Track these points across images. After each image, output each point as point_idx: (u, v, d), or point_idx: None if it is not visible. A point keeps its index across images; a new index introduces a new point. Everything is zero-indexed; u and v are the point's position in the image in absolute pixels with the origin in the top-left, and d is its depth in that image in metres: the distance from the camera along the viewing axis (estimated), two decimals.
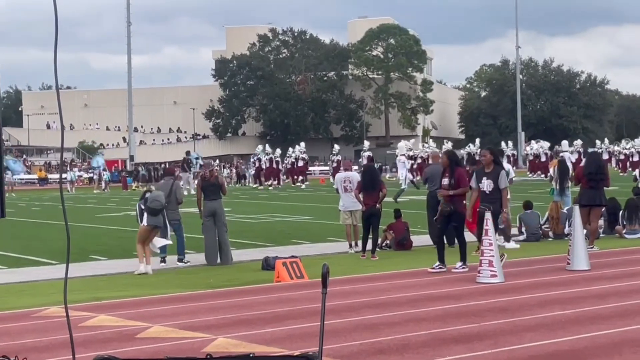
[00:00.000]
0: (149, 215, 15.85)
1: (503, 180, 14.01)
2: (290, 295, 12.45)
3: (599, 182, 17.20)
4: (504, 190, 13.99)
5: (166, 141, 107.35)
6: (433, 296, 11.98)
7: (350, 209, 18.02)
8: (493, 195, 13.96)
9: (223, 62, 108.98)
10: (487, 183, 14.06)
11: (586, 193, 17.14)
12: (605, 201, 17.56)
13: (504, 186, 14.00)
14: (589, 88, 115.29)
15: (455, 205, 14.43)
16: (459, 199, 14.59)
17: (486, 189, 14.06)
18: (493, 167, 14.28)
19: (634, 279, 13.10)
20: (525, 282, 13.12)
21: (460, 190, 14.50)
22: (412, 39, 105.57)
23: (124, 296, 12.91)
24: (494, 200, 13.88)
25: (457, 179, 14.46)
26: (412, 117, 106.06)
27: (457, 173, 14.60)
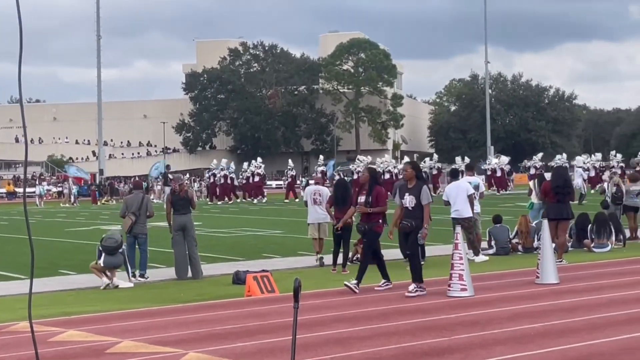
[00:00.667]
0: (105, 254, 15.62)
1: (425, 196, 13.35)
2: (261, 309, 12.42)
3: (565, 196, 17.37)
4: (426, 206, 13.30)
5: (136, 155, 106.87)
6: (403, 310, 12.00)
7: (318, 222, 18.23)
8: (415, 211, 13.33)
9: (193, 75, 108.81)
10: (410, 199, 13.37)
11: (553, 207, 17.28)
12: (573, 215, 17.71)
13: (427, 202, 13.32)
14: (557, 103, 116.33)
15: (370, 223, 14.09)
16: (375, 217, 14.15)
17: (408, 205, 13.38)
18: (415, 182, 13.60)
19: (602, 293, 13.20)
20: (495, 295, 13.18)
21: (378, 209, 14.12)
22: (382, 53, 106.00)
23: (94, 311, 12.81)
24: (416, 216, 13.31)
25: (375, 197, 14.10)
26: (382, 131, 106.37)
27: (375, 191, 14.23)
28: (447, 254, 16.76)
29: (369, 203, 14.04)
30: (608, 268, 16.51)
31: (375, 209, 14.06)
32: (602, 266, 16.89)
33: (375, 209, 14.07)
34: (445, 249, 18.90)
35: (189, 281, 16.42)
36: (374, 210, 14.06)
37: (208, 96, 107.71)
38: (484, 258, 18.19)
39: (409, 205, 13.35)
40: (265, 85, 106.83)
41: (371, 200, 14.05)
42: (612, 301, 12.34)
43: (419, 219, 13.27)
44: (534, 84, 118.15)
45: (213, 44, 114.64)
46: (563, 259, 17.03)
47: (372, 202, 14.04)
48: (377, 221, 14.18)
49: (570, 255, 18.54)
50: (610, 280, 14.75)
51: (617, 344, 9.33)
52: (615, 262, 17.52)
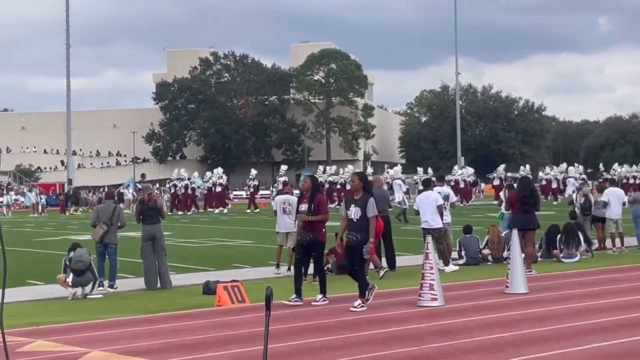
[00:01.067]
0: (74, 276, 15.51)
1: (371, 208, 12.95)
2: (231, 319, 12.40)
3: (531, 206, 17.54)
4: (372, 218, 12.93)
5: (105, 165, 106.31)
6: (374, 320, 12.03)
7: (287, 231, 18.36)
8: (360, 223, 12.95)
9: (164, 85, 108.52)
10: (355, 210, 13.02)
11: (520, 217, 17.42)
12: (538, 225, 17.85)
13: (372, 214, 12.93)
14: (527, 114, 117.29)
15: (314, 233, 13.74)
16: (318, 227, 13.79)
17: (354, 217, 13.02)
18: (362, 194, 13.20)
19: (571, 302, 13.32)
20: (465, 305, 13.25)
21: (320, 217, 13.75)
22: (353, 64, 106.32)
23: (62, 321, 12.71)
24: (361, 228, 12.94)
25: (317, 205, 13.75)
26: (353, 141, 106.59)
27: (317, 199, 13.87)
28: (417, 264, 16.85)
29: (311, 211, 13.70)
30: (576, 278, 16.66)
31: (317, 217, 13.71)
32: (570, 276, 17.04)
33: (317, 217, 13.72)
34: (416, 259, 19.01)
35: (158, 291, 16.36)
36: (316, 218, 13.71)
37: (178, 106, 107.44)
38: (454, 268, 18.29)
39: (354, 217, 13.04)
40: (236, 95, 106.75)
41: (313, 208, 13.71)
42: (580, 311, 12.45)
43: (364, 231, 12.95)
44: (503, 95, 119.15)
45: (184, 53, 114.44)
46: (532, 269, 17.17)
47: (314, 211, 13.70)
48: (320, 230, 13.87)
49: (540, 265, 18.71)
50: (578, 290, 14.88)
51: (585, 353, 9.41)
52: (584, 272, 17.69)
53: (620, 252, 21.56)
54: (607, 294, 14.29)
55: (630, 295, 14.04)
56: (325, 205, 14.07)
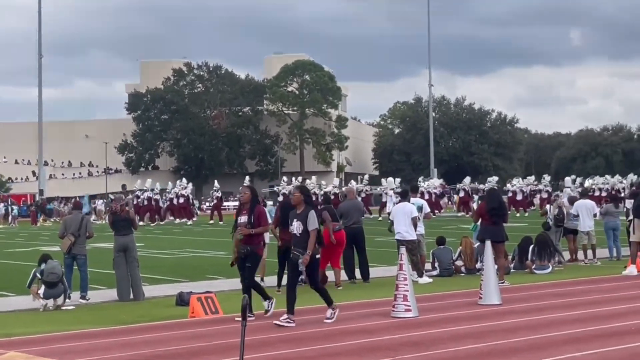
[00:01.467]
0: (46, 288, 15.40)
1: (312, 222, 12.69)
2: (205, 330, 12.39)
3: (500, 218, 17.68)
4: (312, 231, 12.62)
5: (77, 175, 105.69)
6: (348, 330, 12.05)
7: None
8: (303, 237, 12.69)
9: (137, 96, 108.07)
10: (297, 225, 12.79)
11: (489, 229, 17.51)
12: (507, 237, 17.95)
13: (313, 227, 12.64)
14: (499, 126, 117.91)
15: (252, 246, 13.32)
16: (257, 239, 13.43)
17: (296, 232, 12.79)
18: (304, 207, 12.95)
19: (544, 313, 13.40)
20: (438, 316, 13.31)
21: (260, 230, 13.41)
22: (327, 75, 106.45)
23: (35, 332, 12.64)
24: (304, 243, 12.68)
25: (257, 217, 13.34)
26: (326, 153, 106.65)
27: (257, 211, 13.45)
28: (391, 275, 16.91)
29: (252, 224, 13.28)
30: (549, 289, 16.77)
31: (257, 229, 13.34)
32: (543, 287, 17.15)
33: (258, 229, 13.35)
34: (389, 270, 19.06)
35: (131, 303, 16.31)
36: (257, 231, 13.34)
37: (151, 116, 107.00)
38: (428, 280, 18.36)
39: (297, 232, 12.80)
40: (210, 106, 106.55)
41: (253, 220, 13.31)
42: (553, 322, 12.54)
43: (304, 245, 12.68)
44: (476, 108, 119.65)
45: (157, 64, 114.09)
46: (505, 281, 17.27)
47: (254, 223, 13.30)
48: (258, 243, 13.54)
49: (512, 276, 18.82)
50: (551, 301, 14.98)
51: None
52: (556, 283, 17.83)
53: (591, 264, 21.72)
54: (579, 305, 14.41)
55: (603, 307, 14.16)
56: (265, 217, 13.74)
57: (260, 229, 13.43)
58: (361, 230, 19.13)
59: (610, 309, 13.88)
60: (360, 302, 15.27)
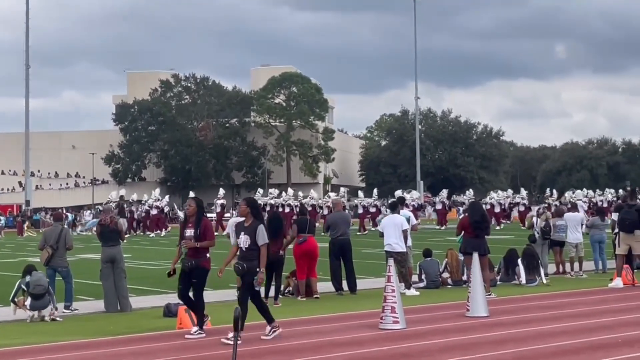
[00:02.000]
0: (32, 299, 15.32)
1: (261, 236, 12.28)
2: (193, 342, 12.34)
3: (482, 231, 17.73)
4: (262, 247, 12.24)
5: (64, 186, 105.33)
6: (337, 342, 12.03)
7: None
8: (249, 252, 12.25)
9: (124, 107, 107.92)
10: (244, 238, 12.31)
11: (471, 241, 17.54)
12: (489, 250, 17.98)
13: (262, 243, 12.25)
14: (485, 139, 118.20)
15: (197, 259, 12.78)
16: (202, 253, 12.86)
17: (242, 245, 12.33)
18: (252, 220, 12.47)
19: (531, 325, 13.42)
20: (426, 328, 13.31)
21: (206, 243, 12.85)
22: (313, 87, 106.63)
23: (22, 344, 12.57)
24: (250, 257, 12.24)
25: (203, 230, 12.86)
26: (313, 164, 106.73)
27: (203, 224, 12.97)
28: (378, 286, 16.90)
29: (198, 237, 12.81)
30: (536, 302, 16.79)
31: (203, 243, 12.83)
32: (530, 300, 17.17)
33: (204, 243, 12.84)
34: (377, 282, 19.06)
35: (118, 314, 16.23)
36: (203, 244, 12.82)
37: (138, 127, 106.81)
38: (415, 292, 18.37)
39: (243, 246, 12.32)
40: (197, 117, 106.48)
41: (199, 233, 12.82)
42: (540, 334, 12.56)
43: (253, 260, 12.23)
44: (462, 120, 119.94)
45: (144, 75, 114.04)
46: (491, 292, 17.28)
47: (200, 236, 12.81)
48: (204, 256, 12.93)
49: (499, 288, 18.83)
50: (538, 313, 14.99)
51: None
52: (543, 295, 17.84)
53: (577, 277, 21.77)
54: (566, 317, 14.43)
55: (590, 319, 14.19)
56: (211, 230, 13.15)
57: (206, 242, 12.88)
58: (348, 242, 19.16)
59: (597, 321, 13.91)
60: (348, 313, 15.26)
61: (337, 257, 18.70)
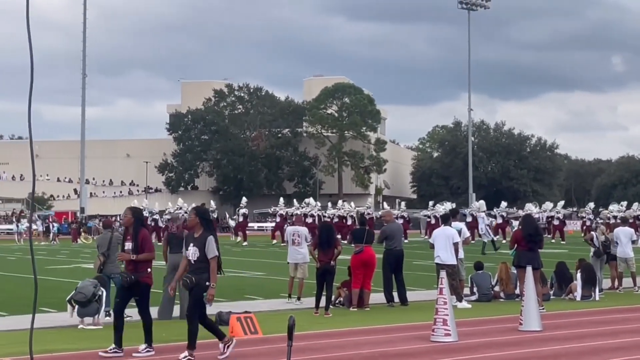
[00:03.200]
0: (79, 307, 15.44)
1: (211, 249, 11.35)
2: (245, 350, 12.38)
3: (536, 244, 17.52)
4: (212, 260, 11.37)
5: (118, 194, 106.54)
6: (388, 354, 11.99)
7: (297, 262, 18.66)
8: (199, 265, 11.38)
9: (177, 116, 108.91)
10: (193, 250, 11.46)
11: (525, 254, 17.33)
12: (542, 264, 17.77)
13: (212, 255, 11.36)
14: (539, 152, 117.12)
15: (137, 274, 11.84)
16: (143, 267, 11.93)
17: (191, 258, 11.46)
18: (201, 231, 11.53)
19: (585, 341, 13.25)
20: (478, 341, 13.20)
21: (144, 256, 11.88)
22: (366, 98, 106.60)
23: (74, 349, 12.71)
24: (199, 270, 11.37)
25: (140, 243, 11.91)
26: (365, 175, 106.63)
27: (141, 235, 11.98)
28: (429, 299, 16.81)
29: (136, 249, 11.86)
30: (589, 317, 16.56)
31: (140, 256, 11.89)
32: (583, 315, 16.94)
33: (141, 256, 11.90)
34: (428, 294, 18.95)
35: (170, 321, 16.33)
36: (140, 257, 11.88)
37: (192, 137, 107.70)
38: (467, 305, 18.21)
39: (192, 258, 11.45)
40: (249, 127, 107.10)
41: (137, 246, 11.88)
42: (594, 349, 12.39)
43: (202, 274, 11.38)
44: (516, 133, 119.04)
45: (198, 84, 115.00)
46: (543, 307, 17.08)
47: (138, 248, 11.88)
48: (145, 270, 11.95)
49: (552, 303, 18.62)
50: (592, 328, 14.81)
51: None
52: (597, 311, 17.58)
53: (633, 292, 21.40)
54: (622, 333, 14.22)
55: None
56: (150, 241, 12.14)
57: (144, 255, 11.88)
58: (403, 253, 19.14)
59: None
60: (400, 325, 15.19)
61: (392, 268, 18.64)
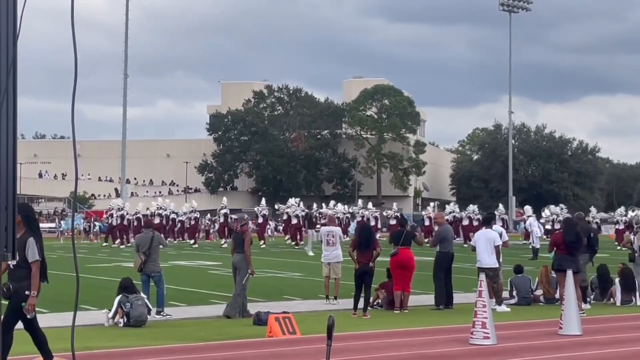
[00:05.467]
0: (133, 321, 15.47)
1: (32, 252, 9.54)
2: (283, 350, 12.43)
3: (577, 249, 17.41)
4: (33, 264, 9.58)
5: (158, 194, 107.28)
6: (427, 355, 11.98)
7: (329, 261, 18.85)
8: (19, 270, 9.58)
9: (217, 117, 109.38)
10: None
11: (565, 259, 17.21)
12: (580, 268, 17.63)
13: (33, 259, 9.56)
14: (580, 155, 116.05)
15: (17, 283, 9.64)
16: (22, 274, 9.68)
17: (11, 262, 8.75)
18: (23, 232, 9.49)
19: (626, 346, 13.14)
20: (517, 345, 13.13)
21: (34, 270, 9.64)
22: (406, 100, 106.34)
23: (115, 346, 12.84)
24: (20, 277, 9.60)
25: None
26: (404, 177, 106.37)
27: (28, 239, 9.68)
28: (468, 302, 16.74)
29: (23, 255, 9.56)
30: (630, 322, 16.40)
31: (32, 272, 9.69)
32: (623, 320, 16.78)
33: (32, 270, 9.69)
34: (467, 297, 18.88)
35: (212, 320, 16.44)
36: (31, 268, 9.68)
37: (231, 137, 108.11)
38: (506, 309, 18.10)
39: (12, 263, 9.12)
40: (289, 128, 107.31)
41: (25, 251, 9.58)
42: (635, 354, 12.28)
43: (22, 281, 9.60)
44: (557, 136, 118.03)
45: (238, 86, 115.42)
46: (583, 311, 16.93)
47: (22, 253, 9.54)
48: (25, 279, 9.68)
49: (592, 308, 18.45)
50: (632, 333, 14.65)
51: None
52: (637, 316, 17.40)
53: None
54: None
55: None
56: (34, 246, 9.63)
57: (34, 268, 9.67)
58: (453, 256, 19.12)
59: None
60: (439, 327, 15.17)
61: (445, 271, 18.58)
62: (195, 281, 24.41)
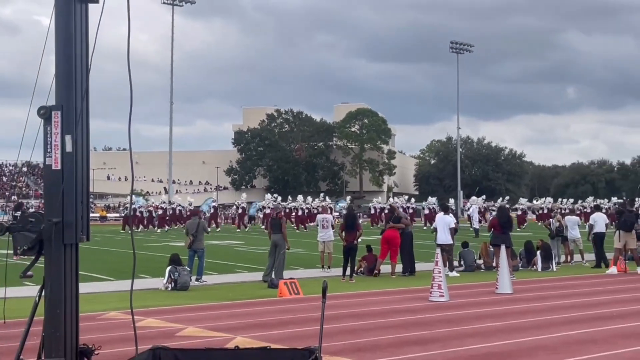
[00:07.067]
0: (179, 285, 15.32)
1: None
2: (290, 306, 12.40)
3: (508, 229, 17.46)
4: None
5: (196, 191, 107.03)
6: (396, 310, 11.95)
7: (324, 240, 19.11)
8: None
9: (240, 133, 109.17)
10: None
11: (500, 236, 17.24)
12: (512, 243, 17.66)
13: None
14: (511, 160, 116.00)
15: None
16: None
17: None
18: None
19: (546, 301, 13.12)
20: (464, 301, 13.11)
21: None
22: (380, 119, 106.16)
23: (165, 304, 12.80)
24: None
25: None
26: (379, 177, 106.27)
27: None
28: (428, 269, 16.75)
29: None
30: (550, 283, 16.41)
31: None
32: (545, 281, 16.78)
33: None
34: (426, 266, 18.87)
35: (237, 284, 16.34)
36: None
37: (251, 148, 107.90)
38: (456, 274, 18.10)
39: None
40: (293, 141, 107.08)
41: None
42: (553, 307, 12.26)
43: None
44: (493, 145, 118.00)
45: (255, 110, 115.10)
46: (514, 275, 16.91)
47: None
48: None
49: (520, 273, 18.45)
50: (551, 292, 14.64)
51: (558, 339, 9.27)
52: (555, 278, 17.43)
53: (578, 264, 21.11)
54: (573, 295, 14.06)
55: (591, 297, 13.81)
56: None
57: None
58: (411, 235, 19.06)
59: (596, 299, 13.52)
60: (405, 288, 15.15)
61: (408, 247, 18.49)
62: (225, 256, 24.37)
